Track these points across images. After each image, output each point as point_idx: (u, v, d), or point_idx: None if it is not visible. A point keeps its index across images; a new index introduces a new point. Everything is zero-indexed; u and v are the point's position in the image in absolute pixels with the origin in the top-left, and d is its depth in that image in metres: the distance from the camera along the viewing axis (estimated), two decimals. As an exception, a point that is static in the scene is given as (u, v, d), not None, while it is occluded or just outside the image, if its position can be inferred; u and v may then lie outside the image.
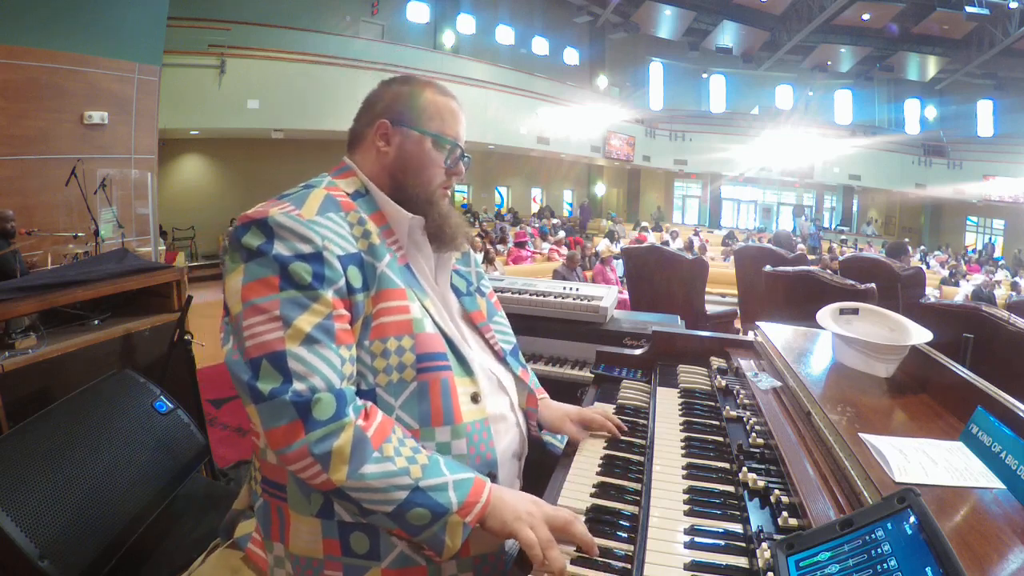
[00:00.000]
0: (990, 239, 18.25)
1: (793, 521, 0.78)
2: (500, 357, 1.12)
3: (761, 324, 1.52)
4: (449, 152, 1.05)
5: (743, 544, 0.79)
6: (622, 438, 1.15)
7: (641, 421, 1.22)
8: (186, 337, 2.08)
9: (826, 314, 1.33)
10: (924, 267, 10.91)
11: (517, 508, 0.84)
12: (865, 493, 0.76)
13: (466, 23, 15.75)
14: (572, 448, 1.11)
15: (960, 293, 8.96)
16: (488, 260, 7.15)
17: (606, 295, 2.33)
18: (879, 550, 0.61)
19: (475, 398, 0.97)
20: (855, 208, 19.79)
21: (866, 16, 16.53)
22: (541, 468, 1.14)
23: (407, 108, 1.04)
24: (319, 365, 0.82)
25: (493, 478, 0.95)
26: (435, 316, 0.98)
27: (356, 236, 0.93)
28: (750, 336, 1.54)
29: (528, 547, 0.79)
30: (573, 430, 1.15)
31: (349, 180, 1.02)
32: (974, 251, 17.58)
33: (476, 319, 1.12)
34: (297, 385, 0.80)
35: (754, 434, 1.05)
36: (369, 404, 0.86)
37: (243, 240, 0.86)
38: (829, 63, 18.44)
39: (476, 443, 0.94)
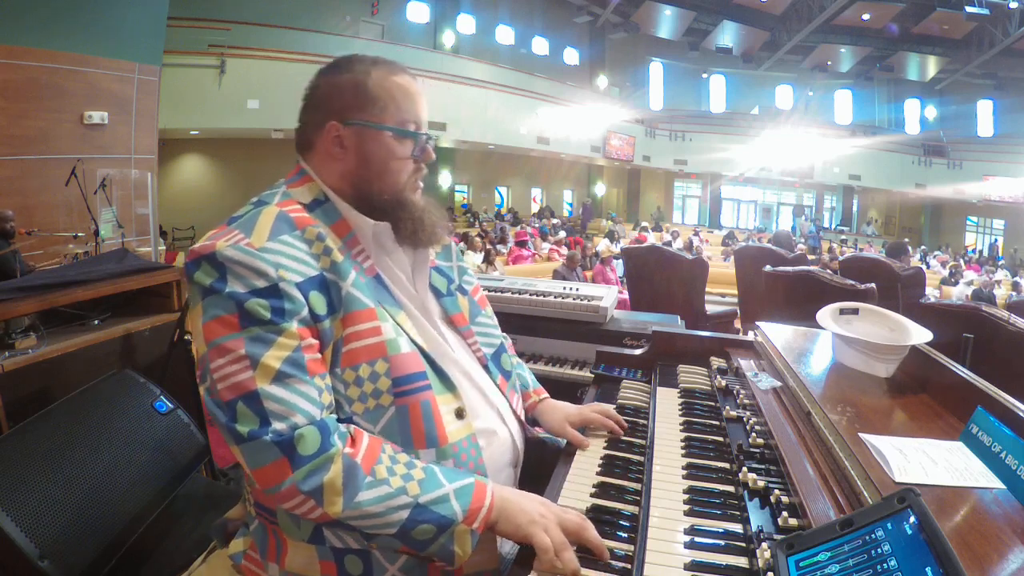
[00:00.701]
0: (993, 240, 18.25)
1: (793, 521, 0.78)
2: (483, 364, 1.06)
3: (761, 324, 1.52)
4: (414, 141, 0.96)
5: (743, 544, 0.79)
6: (622, 438, 1.14)
7: (641, 421, 1.22)
8: (186, 337, 2.08)
9: (826, 314, 1.33)
10: (924, 267, 10.92)
11: (529, 511, 0.82)
12: (865, 493, 0.76)
13: (466, 23, 15.76)
14: (572, 448, 1.11)
15: (955, 292, 8.97)
16: (488, 260, 7.15)
17: (606, 295, 2.33)
18: (879, 550, 0.61)
19: (460, 414, 0.93)
20: (855, 208, 19.80)
21: (866, 16, 16.54)
22: (541, 468, 1.14)
23: (355, 101, 0.93)
24: (296, 400, 0.79)
25: None
26: (411, 332, 0.92)
27: (316, 255, 0.87)
28: (750, 336, 1.54)
29: (543, 551, 0.78)
30: (574, 436, 1.12)
31: (306, 188, 0.94)
32: (974, 251, 17.59)
33: (458, 323, 1.06)
34: (276, 425, 0.77)
35: (754, 434, 1.05)
36: (353, 428, 0.83)
37: (195, 278, 0.82)
38: (829, 63, 18.44)
39: (464, 462, 0.90)
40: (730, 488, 0.93)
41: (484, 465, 0.93)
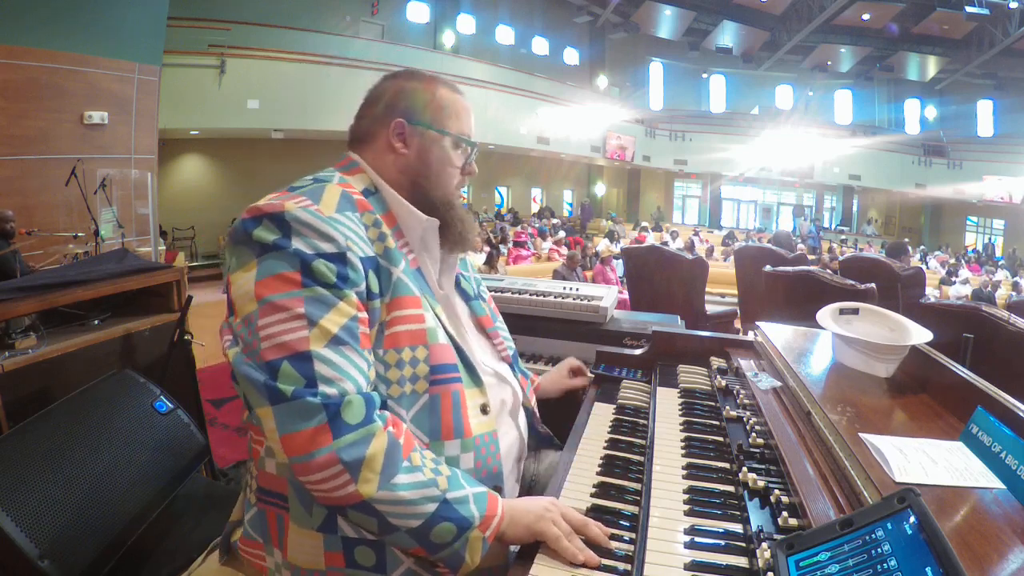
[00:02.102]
0: (990, 239, 18.25)
1: (793, 521, 0.78)
2: (509, 363, 1.12)
3: (761, 324, 1.52)
4: (465, 150, 1.03)
5: (743, 544, 0.79)
6: (622, 438, 1.15)
7: (641, 421, 1.22)
8: (186, 337, 2.08)
9: (826, 314, 1.33)
10: (924, 267, 10.92)
11: (534, 509, 0.83)
12: (865, 493, 0.76)
13: (466, 23, 15.75)
14: (571, 447, 1.11)
15: (951, 292, 8.97)
16: (491, 264, 7.12)
17: (606, 295, 2.33)
18: (879, 550, 0.61)
19: (484, 409, 0.94)
20: (855, 208, 19.80)
21: (866, 16, 16.54)
22: (533, 474, 1.15)
23: (422, 106, 0.99)
24: (347, 368, 0.77)
25: (499, 491, 0.94)
26: (446, 324, 0.94)
27: (372, 239, 0.88)
28: (750, 336, 1.54)
29: (555, 541, 0.78)
30: (576, 382, 1.38)
31: (358, 177, 0.96)
32: (974, 251, 17.59)
33: (485, 324, 1.11)
34: (325, 388, 0.75)
35: (754, 434, 1.05)
36: (389, 414, 0.82)
37: (254, 234, 0.79)
38: (829, 63, 18.44)
39: (484, 456, 0.92)
40: (730, 488, 0.93)
41: (501, 461, 0.96)
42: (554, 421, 1.28)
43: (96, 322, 1.98)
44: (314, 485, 0.76)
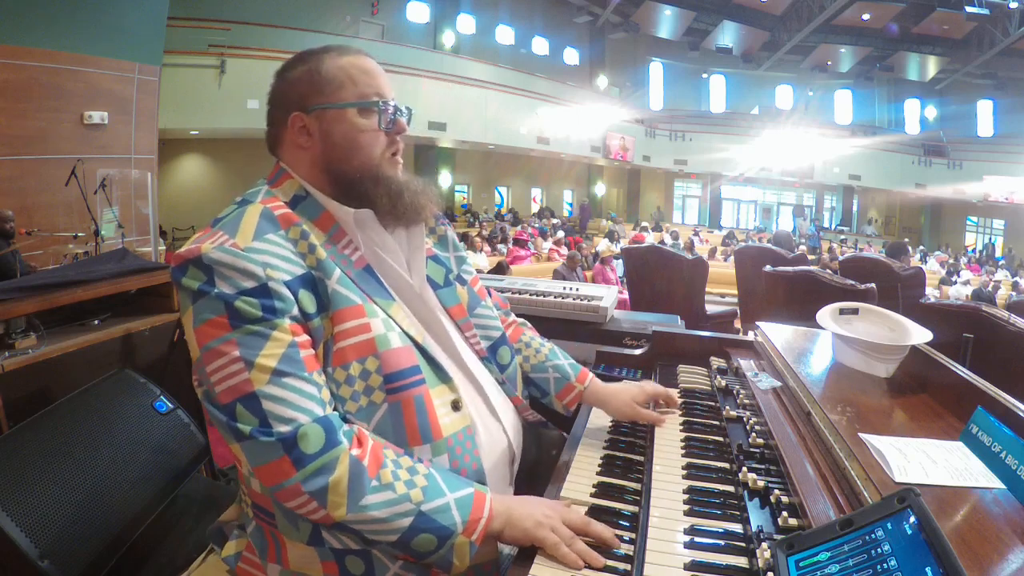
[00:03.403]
0: (990, 239, 18.25)
1: (793, 521, 0.78)
2: (482, 356, 1.06)
3: (761, 324, 1.52)
4: (380, 112, 0.93)
5: (743, 544, 0.79)
6: (622, 438, 1.15)
7: (641, 421, 1.22)
8: (186, 337, 2.08)
9: (826, 314, 1.33)
10: (924, 267, 10.92)
11: (534, 514, 0.82)
12: (865, 493, 0.76)
13: (466, 23, 15.75)
14: (571, 447, 1.11)
15: (951, 292, 8.97)
16: (500, 271, 7.10)
17: (606, 295, 2.33)
18: (879, 550, 0.61)
19: (456, 405, 0.92)
20: (855, 208, 19.80)
21: (866, 16, 16.54)
22: (541, 468, 1.14)
23: (312, 88, 0.92)
24: (295, 399, 0.77)
25: None
26: (403, 324, 0.90)
27: (302, 253, 0.86)
28: (750, 336, 1.54)
29: (554, 549, 0.78)
30: (648, 415, 1.14)
31: (286, 185, 0.93)
32: (974, 251, 17.59)
33: (456, 315, 1.04)
34: (278, 427, 0.76)
35: (754, 434, 1.05)
36: (357, 428, 0.82)
37: (183, 282, 0.81)
38: (829, 63, 18.45)
39: (460, 455, 0.90)
40: (730, 488, 0.93)
41: (480, 458, 0.92)
42: (554, 420, 1.28)
43: (96, 322, 1.98)
44: (295, 510, 0.78)
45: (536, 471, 1.15)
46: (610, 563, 0.78)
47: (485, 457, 0.94)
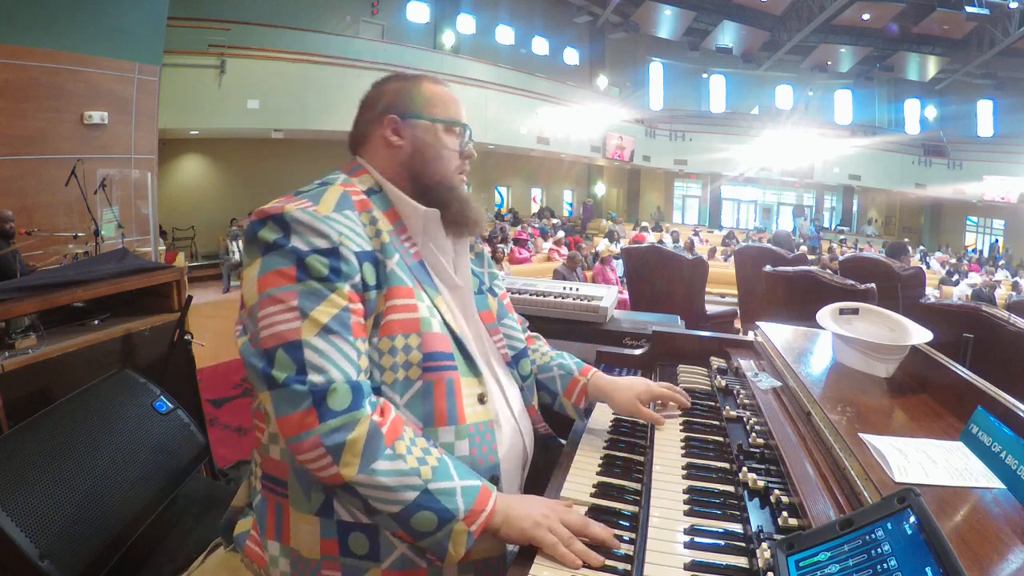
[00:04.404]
0: (995, 240, 18.25)
1: (793, 521, 0.78)
2: (507, 361, 1.12)
3: (761, 324, 1.52)
4: (460, 135, 1.07)
5: (743, 544, 0.79)
6: (622, 438, 1.15)
7: (641, 421, 1.22)
8: (186, 337, 2.08)
9: (826, 314, 1.33)
10: (924, 267, 10.92)
11: (532, 514, 0.83)
12: (865, 493, 0.76)
13: (466, 23, 15.75)
14: (571, 447, 1.11)
15: (956, 293, 8.97)
16: (495, 260, 7.13)
17: (606, 295, 2.33)
18: (879, 550, 0.61)
19: (482, 399, 0.96)
20: (855, 208, 19.80)
21: (866, 16, 16.54)
22: (541, 468, 1.14)
23: (411, 100, 1.05)
24: (335, 356, 0.82)
25: (495, 482, 0.94)
26: (445, 315, 0.97)
27: (370, 236, 0.93)
28: (750, 336, 1.54)
29: (552, 549, 0.79)
30: (648, 414, 1.15)
31: (362, 178, 1.02)
32: (975, 251, 17.59)
33: (486, 319, 1.11)
34: (312, 376, 0.80)
35: (754, 434, 1.05)
36: (383, 400, 0.86)
37: (259, 234, 0.86)
38: (829, 63, 18.45)
39: (479, 445, 0.93)
40: (730, 488, 0.93)
41: (498, 452, 0.96)
42: (554, 420, 1.28)
43: (96, 322, 1.98)
44: (307, 464, 0.81)
45: (541, 482, 1.16)
46: (610, 563, 0.78)
47: (505, 457, 0.98)
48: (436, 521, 0.80)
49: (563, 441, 1.18)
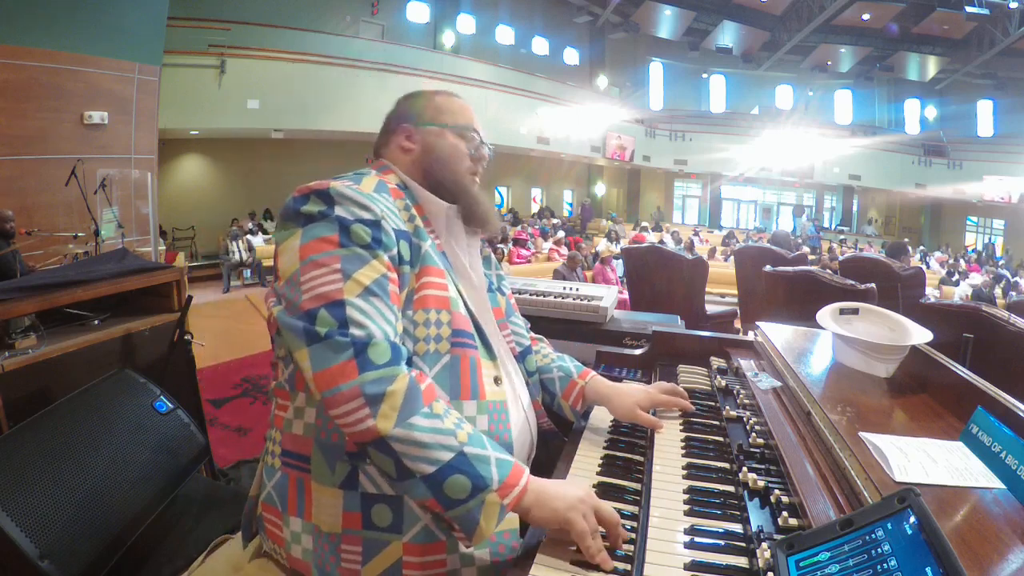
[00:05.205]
0: (989, 239, 18.25)
1: (793, 521, 0.78)
2: (515, 355, 1.16)
3: (761, 324, 1.52)
4: (470, 139, 1.14)
5: (743, 544, 0.79)
6: (622, 438, 1.15)
7: (641, 421, 1.22)
8: (186, 337, 2.08)
9: (826, 314, 1.33)
10: (924, 267, 10.92)
11: (568, 497, 0.82)
12: (865, 493, 0.76)
13: (466, 23, 15.75)
14: (571, 447, 1.11)
15: (957, 293, 8.97)
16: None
17: (606, 295, 2.33)
18: (879, 550, 0.61)
19: (497, 381, 1.01)
20: (855, 208, 19.79)
21: (866, 16, 16.54)
22: (541, 466, 1.14)
23: (423, 110, 1.13)
24: (376, 316, 0.84)
25: None
26: (467, 299, 1.02)
27: (404, 219, 0.98)
28: (750, 336, 1.54)
29: (580, 536, 0.78)
30: (647, 419, 1.16)
31: (390, 176, 1.07)
32: (974, 251, 17.59)
33: (495, 316, 1.15)
34: (355, 330, 0.81)
35: (754, 434, 1.05)
36: (417, 371, 0.86)
37: (303, 209, 0.89)
38: (829, 63, 18.44)
39: (496, 421, 0.97)
40: (730, 488, 0.93)
41: (512, 431, 0.99)
42: (556, 417, 1.28)
43: (96, 322, 1.98)
44: (340, 419, 0.80)
45: (540, 471, 1.15)
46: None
47: (514, 435, 1.00)
48: (470, 487, 0.78)
49: (566, 439, 1.18)
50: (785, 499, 0.83)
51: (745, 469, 0.92)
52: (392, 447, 0.78)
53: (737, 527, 0.84)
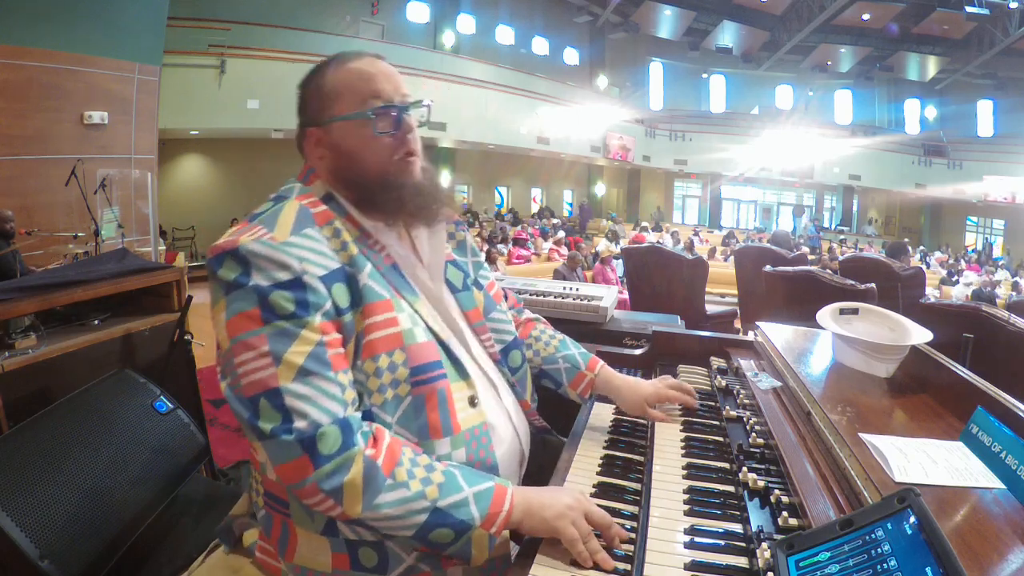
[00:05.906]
0: (989, 240, 18.25)
1: (793, 521, 0.78)
2: (496, 360, 1.08)
3: (761, 324, 1.52)
4: (377, 119, 0.93)
5: (743, 544, 0.79)
6: (622, 438, 1.15)
7: (641, 421, 1.22)
8: (186, 337, 2.08)
9: (826, 314, 1.33)
10: (924, 267, 10.92)
11: (556, 504, 0.82)
12: (865, 493, 0.76)
13: (466, 23, 15.75)
14: (571, 447, 1.11)
15: (954, 293, 8.97)
16: (489, 260, 7.15)
17: (606, 295, 2.33)
18: (879, 550, 0.61)
19: (472, 401, 0.94)
20: (855, 208, 19.79)
21: (866, 16, 16.54)
22: (541, 468, 1.14)
23: (319, 103, 0.95)
24: (318, 398, 0.79)
25: None
26: (427, 319, 0.93)
27: (336, 249, 0.88)
28: (750, 336, 1.54)
29: (571, 543, 0.78)
30: (656, 415, 1.16)
31: (316, 184, 0.96)
32: (974, 251, 17.59)
33: (472, 319, 1.07)
34: (298, 423, 0.77)
35: (754, 434, 1.05)
36: (375, 427, 0.83)
37: (219, 274, 0.82)
38: (829, 63, 18.44)
39: (475, 450, 0.92)
40: (730, 488, 0.93)
41: (495, 453, 0.95)
42: (554, 419, 1.28)
43: (96, 322, 1.98)
44: (313, 507, 0.81)
45: (540, 477, 1.15)
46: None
47: (499, 454, 0.96)
48: (453, 534, 0.80)
49: (564, 439, 1.18)
50: (785, 499, 0.83)
51: (745, 469, 0.92)
52: (368, 524, 0.80)
53: (737, 527, 0.84)
